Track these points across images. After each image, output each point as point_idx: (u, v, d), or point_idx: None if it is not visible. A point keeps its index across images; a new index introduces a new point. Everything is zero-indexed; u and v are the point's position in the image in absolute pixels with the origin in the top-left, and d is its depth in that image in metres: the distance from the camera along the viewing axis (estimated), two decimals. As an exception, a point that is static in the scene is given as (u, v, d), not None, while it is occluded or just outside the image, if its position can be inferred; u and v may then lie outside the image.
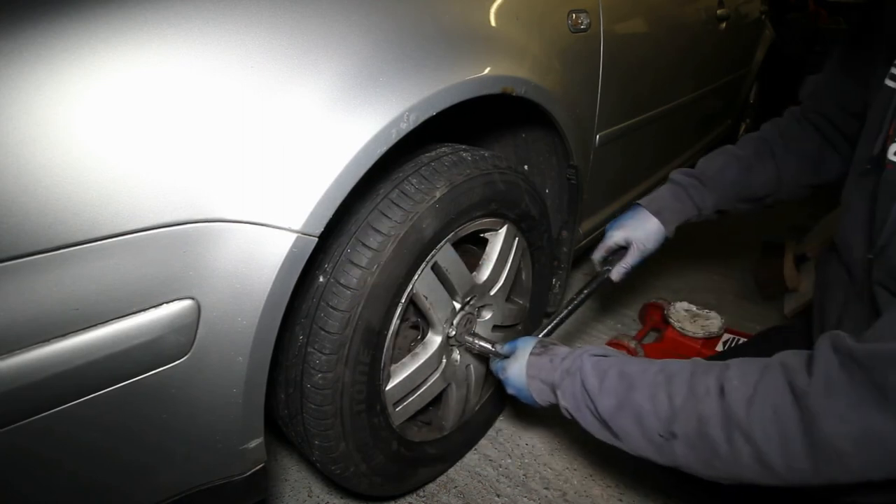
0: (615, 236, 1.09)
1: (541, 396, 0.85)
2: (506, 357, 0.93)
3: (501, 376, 0.92)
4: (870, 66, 0.83)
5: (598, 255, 1.12)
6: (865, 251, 0.76)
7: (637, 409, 0.68)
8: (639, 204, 1.10)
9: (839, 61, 1.00)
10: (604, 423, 0.72)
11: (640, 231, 1.07)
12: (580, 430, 0.79)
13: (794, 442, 0.54)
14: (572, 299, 1.08)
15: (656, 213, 1.06)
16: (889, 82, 0.74)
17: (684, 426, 0.63)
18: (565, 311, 1.06)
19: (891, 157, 0.70)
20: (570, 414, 0.79)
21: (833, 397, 0.52)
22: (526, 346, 0.90)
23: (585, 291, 1.09)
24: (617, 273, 1.10)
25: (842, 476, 0.52)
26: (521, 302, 1.21)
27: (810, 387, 0.54)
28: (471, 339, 1.01)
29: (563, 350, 0.85)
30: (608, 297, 1.82)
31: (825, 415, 0.52)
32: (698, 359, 0.71)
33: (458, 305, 0.99)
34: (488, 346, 0.99)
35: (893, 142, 0.71)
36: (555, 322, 1.05)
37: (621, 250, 1.10)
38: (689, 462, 0.64)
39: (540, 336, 1.00)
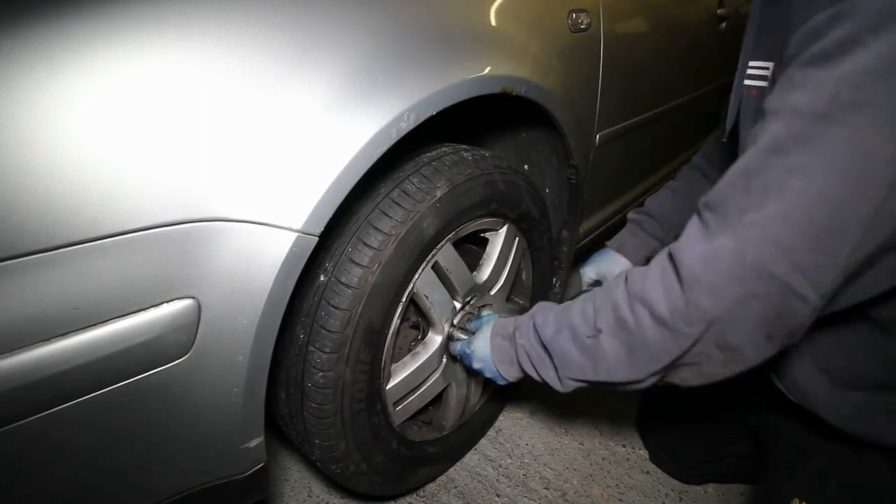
0: (587, 273, 1.21)
1: (500, 353, 0.86)
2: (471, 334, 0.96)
3: (467, 350, 0.93)
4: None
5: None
6: None
7: (570, 326, 0.74)
8: (606, 245, 1.24)
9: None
10: (546, 351, 0.78)
11: (607, 266, 1.19)
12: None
13: (673, 287, 0.62)
14: None
15: (619, 250, 1.19)
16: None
17: (604, 319, 0.69)
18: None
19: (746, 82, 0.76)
20: (526, 353, 0.82)
21: (692, 244, 0.61)
22: (491, 318, 0.94)
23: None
24: None
25: (702, 297, 0.59)
26: (521, 302, 1.21)
27: (678, 245, 0.63)
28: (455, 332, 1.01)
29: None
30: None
31: (686, 255, 0.61)
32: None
33: (458, 305, 0.99)
34: (460, 333, 1.00)
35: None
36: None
37: (597, 284, 1.21)
38: (616, 353, 0.68)
39: None
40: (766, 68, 0.71)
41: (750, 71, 0.73)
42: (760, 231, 0.55)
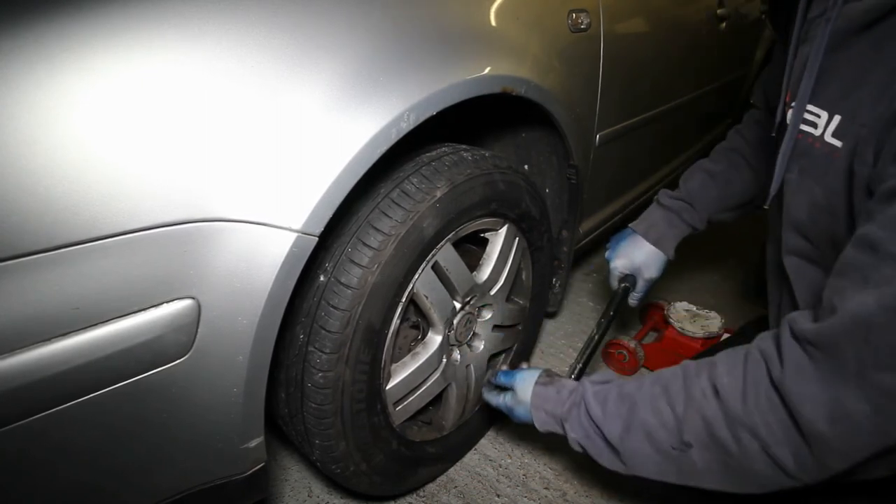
0: (619, 266, 1.15)
1: (544, 427, 0.85)
2: (505, 389, 0.94)
3: (505, 411, 0.92)
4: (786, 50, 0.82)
5: (613, 285, 1.18)
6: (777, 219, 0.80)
7: (644, 425, 0.68)
8: (635, 231, 1.15)
9: (773, 55, 1.03)
10: (614, 449, 0.72)
11: (641, 259, 1.14)
12: (590, 460, 0.78)
13: (792, 437, 0.55)
14: (597, 327, 1.12)
15: (655, 243, 1.13)
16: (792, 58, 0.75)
17: (693, 433, 0.63)
18: (593, 344, 1.09)
19: (788, 121, 0.73)
20: (580, 446, 0.78)
21: (804, 383, 0.54)
22: (530, 376, 0.90)
23: (611, 313, 1.13)
24: (632, 301, 1.18)
25: (835, 461, 0.53)
26: (521, 302, 1.21)
27: (784, 376, 0.56)
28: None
29: (569, 382, 0.85)
30: (608, 297, 1.82)
31: (802, 401, 0.54)
32: (687, 361, 0.71)
33: (458, 305, 0.99)
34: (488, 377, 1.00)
35: (790, 108, 0.72)
36: (587, 355, 1.06)
37: (629, 276, 1.17)
38: (709, 467, 0.63)
39: (573, 374, 1.03)
40: (818, 115, 0.68)
41: (806, 115, 0.70)
42: None
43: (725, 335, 1.46)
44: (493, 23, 0.90)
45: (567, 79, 1.07)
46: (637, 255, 1.14)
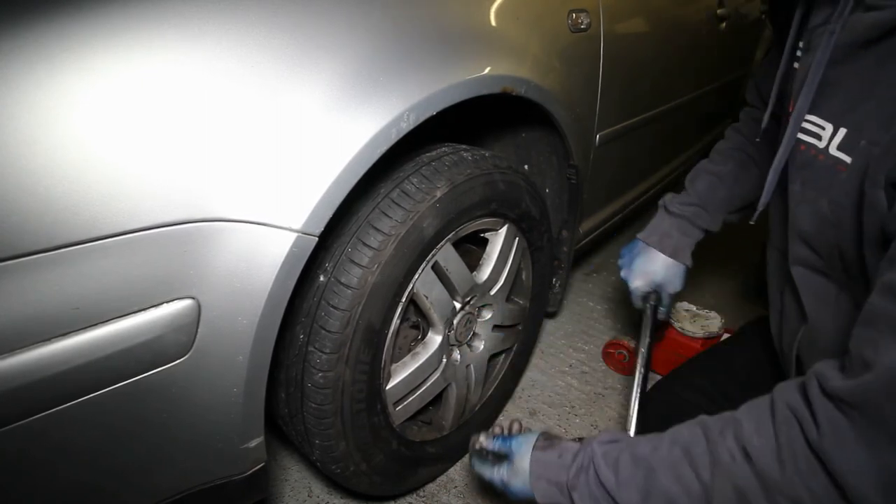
0: (640, 286, 1.10)
1: (546, 499, 0.73)
2: (500, 456, 0.81)
3: (500, 486, 0.79)
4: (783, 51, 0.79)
5: (637, 304, 1.14)
6: (782, 228, 0.78)
7: (665, 494, 0.61)
8: (648, 245, 1.10)
9: (769, 54, 1.02)
10: None
11: (661, 276, 1.09)
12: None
13: (839, 500, 0.50)
14: (641, 358, 1.08)
15: (674, 255, 1.08)
16: (795, 64, 0.74)
17: (724, 501, 0.57)
18: (642, 380, 1.05)
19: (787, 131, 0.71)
20: None
21: (845, 447, 0.49)
22: (527, 441, 0.79)
23: (648, 339, 1.09)
24: (660, 316, 1.14)
25: None
26: (521, 302, 1.21)
27: (821, 439, 0.51)
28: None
29: (572, 445, 0.75)
30: (608, 297, 1.83)
31: (846, 468, 0.49)
32: (704, 417, 0.64)
33: (458, 305, 1.00)
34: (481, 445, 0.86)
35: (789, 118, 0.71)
36: (637, 404, 1.01)
37: (651, 293, 1.12)
38: None
39: (631, 425, 0.98)
40: (822, 127, 0.66)
41: (804, 125, 0.68)
42: None
43: (725, 335, 1.46)
44: (493, 23, 0.90)
45: (567, 79, 1.07)
46: (657, 272, 1.09)
